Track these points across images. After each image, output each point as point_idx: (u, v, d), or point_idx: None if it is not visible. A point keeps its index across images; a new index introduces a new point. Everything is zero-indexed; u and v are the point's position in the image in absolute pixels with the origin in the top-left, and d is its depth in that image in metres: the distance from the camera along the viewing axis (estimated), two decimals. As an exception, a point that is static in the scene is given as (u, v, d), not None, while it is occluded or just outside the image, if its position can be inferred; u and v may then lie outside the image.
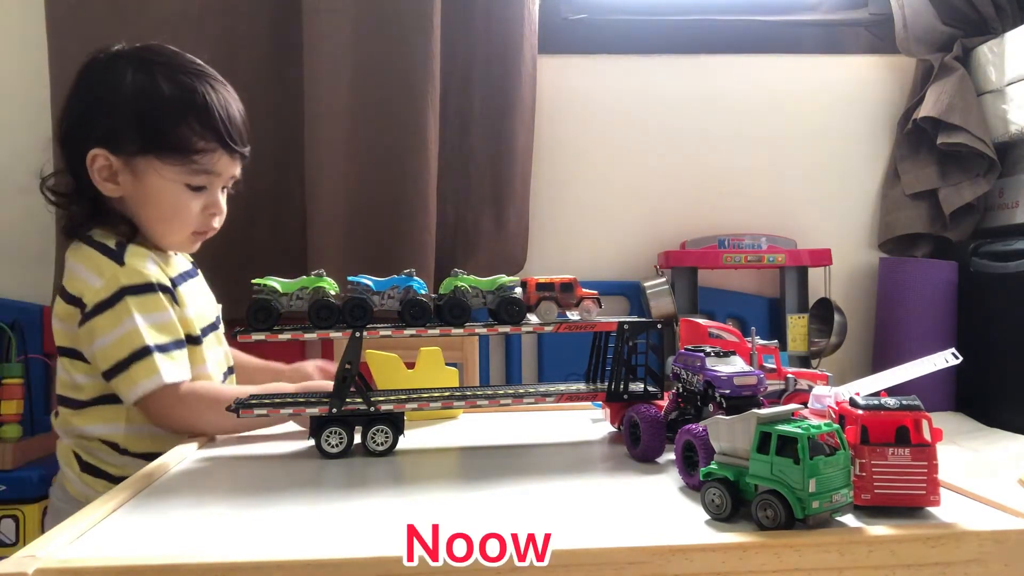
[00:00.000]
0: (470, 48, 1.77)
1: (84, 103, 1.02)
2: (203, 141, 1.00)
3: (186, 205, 1.02)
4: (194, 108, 0.99)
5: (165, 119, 0.99)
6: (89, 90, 1.02)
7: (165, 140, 0.99)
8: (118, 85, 0.99)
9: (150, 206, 1.02)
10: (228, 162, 1.04)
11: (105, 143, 0.99)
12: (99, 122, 1.00)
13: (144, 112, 0.99)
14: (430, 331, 0.83)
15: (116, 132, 0.99)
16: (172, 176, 1.00)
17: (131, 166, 1.00)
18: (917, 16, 1.84)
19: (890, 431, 0.61)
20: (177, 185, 1.01)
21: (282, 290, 0.83)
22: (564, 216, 1.89)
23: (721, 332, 0.96)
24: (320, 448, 0.83)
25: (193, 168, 1.00)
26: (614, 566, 0.53)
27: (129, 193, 1.01)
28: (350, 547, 0.55)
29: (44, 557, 0.53)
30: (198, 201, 1.03)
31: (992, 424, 1.65)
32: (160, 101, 0.99)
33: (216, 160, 1.02)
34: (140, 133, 0.99)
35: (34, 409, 1.66)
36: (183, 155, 0.99)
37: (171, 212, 1.02)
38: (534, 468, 0.80)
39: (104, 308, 0.95)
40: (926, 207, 1.86)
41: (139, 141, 0.99)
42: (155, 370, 0.93)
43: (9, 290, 1.71)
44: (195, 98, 0.99)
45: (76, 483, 1.02)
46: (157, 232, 1.04)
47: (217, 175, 1.04)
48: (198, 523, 0.62)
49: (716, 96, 1.93)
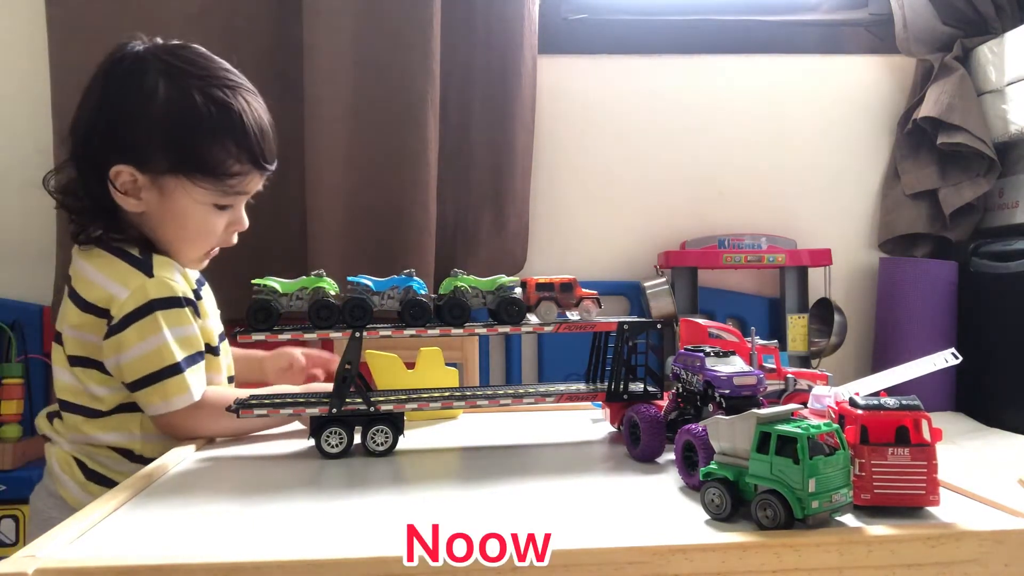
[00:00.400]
0: (470, 48, 1.77)
1: (110, 113, 0.95)
2: (238, 164, 0.96)
3: (213, 224, 0.99)
4: (231, 129, 0.95)
5: (200, 139, 0.94)
6: (115, 99, 0.95)
7: (199, 161, 0.94)
8: (149, 97, 0.93)
9: (175, 225, 0.98)
10: (257, 180, 1.02)
11: (132, 159, 0.94)
12: (127, 137, 0.94)
13: (178, 130, 0.94)
14: (430, 331, 0.83)
15: (145, 149, 0.94)
16: (202, 198, 0.97)
17: (159, 184, 0.95)
18: (917, 16, 1.84)
19: (890, 431, 0.61)
20: (206, 206, 0.98)
21: (282, 290, 0.83)
22: (564, 216, 1.89)
23: (721, 332, 0.96)
24: (320, 448, 0.83)
25: (225, 190, 0.97)
26: (614, 566, 0.53)
27: (152, 209, 0.97)
28: (350, 547, 0.55)
29: (44, 557, 0.53)
30: (223, 220, 1.01)
31: (992, 424, 1.65)
32: (196, 120, 0.93)
33: (248, 181, 0.99)
34: (172, 152, 0.94)
35: (34, 409, 1.65)
36: (217, 178, 0.96)
37: (195, 232, 0.99)
38: (534, 468, 0.80)
39: (132, 320, 0.91)
40: (926, 207, 1.86)
41: (170, 160, 0.94)
42: (186, 388, 0.92)
43: (9, 290, 1.71)
44: (232, 117, 0.95)
45: (76, 491, 0.99)
46: (175, 249, 1.00)
47: (243, 194, 1.01)
48: (198, 523, 0.62)
49: (716, 96, 1.93)
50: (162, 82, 0.94)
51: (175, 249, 1.00)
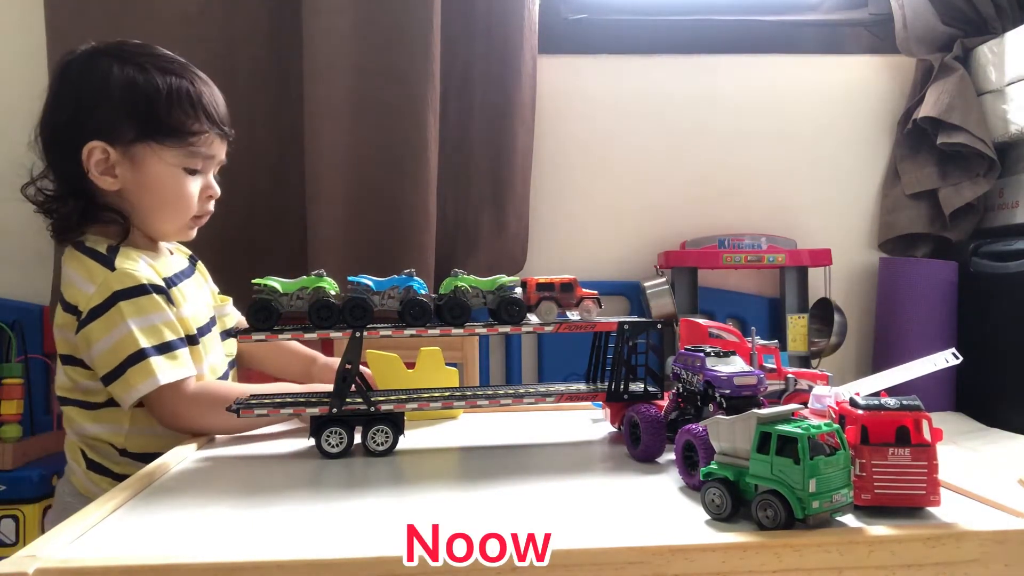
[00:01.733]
0: (470, 48, 1.77)
1: (73, 100, 1.02)
2: (197, 124, 1.03)
3: (186, 189, 1.05)
4: (187, 94, 1.02)
5: (161, 106, 1.01)
6: (75, 87, 1.02)
7: (163, 125, 1.01)
8: (107, 78, 1.00)
9: (152, 193, 1.03)
10: (219, 144, 1.07)
11: (101, 135, 1.00)
12: (93, 116, 1.00)
13: (140, 101, 1.00)
14: (430, 331, 0.83)
15: (112, 123, 1.00)
16: (172, 160, 1.03)
17: (130, 155, 1.01)
18: (917, 16, 1.85)
19: (890, 431, 0.61)
20: (176, 169, 1.03)
21: (282, 290, 0.83)
22: (564, 216, 1.89)
23: (721, 332, 0.96)
24: (320, 448, 0.83)
25: (191, 150, 1.03)
26: (614, 566, 0.53)
27: (128, 184, 1.02)
28: (350, 547, 0.55)
29: (44, 557, 0.53)
30: (196, 184, 1.06)
31: (992, 424, 1.65)
32: (154, 90, 1.01)
33: (210, 142, 1.05)
34: (138, 121, 1.00)
35: (34, 409, 1.66)
36: (181, 138, 1.02)
37: (173, 196, 1.04)
38: (534, 468, 0.80)
39: (97, 314, 0.95)
40: (926, 207, 1.86)
41: (137, 128, 1.00)
42: (151, 372, 0.94)
43: (9, 290, 1.71)
44: (184, 85, 1.03)
45: (82, 479, 1.03)
46: (158, 220, 1.05)
47: (211, 157, 1.07)
48: (198, 523, 0.62)
49: (716, 96, 1.93)
50: (116, 65, 1.01)
51: (159, 219, 1.05)
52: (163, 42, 1.63)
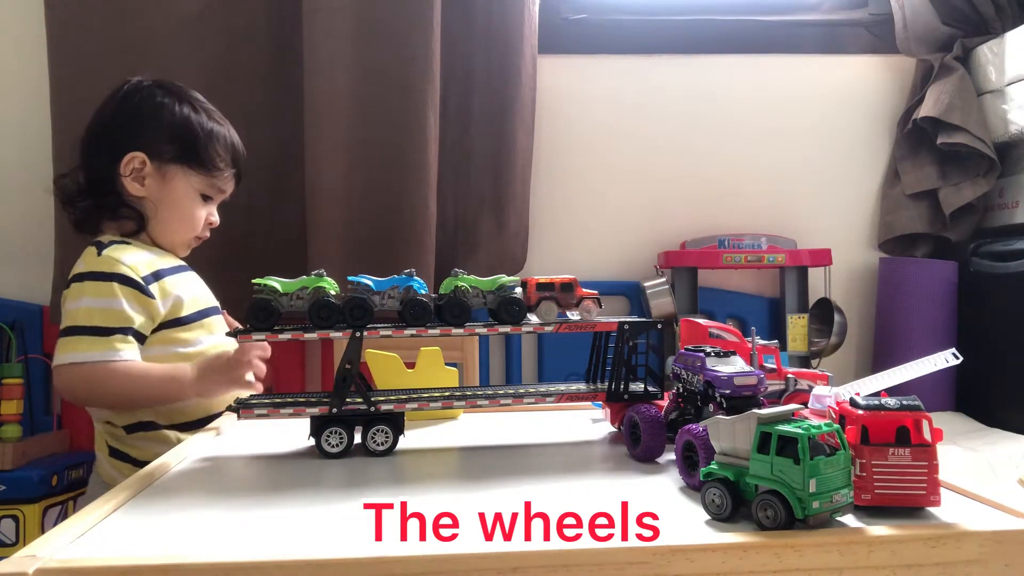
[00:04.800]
0: (470, 48, 1.77)
1: (126, 116, 1.20)
2: (223, 162, 1.23)
3: (197, 212, 1.23)
4: (220, 139, 1.24)
5: (201, 140, 1.21)
6: (134, 107, 1.20)
7: (198, 156, 1.21)
8: (162, 107, 1.20)
9: (170, 206, 1.21)
10: (231, 183, 1.27)
11: (145, 148, 1.18)
12: (142, 132, 1.19)
13: (185, 130, 1.20)
14: (430, 331, 0.83)
15: (157, 142, 1.19)
16: (196, 184, 1.22)
17: (163, 171, 1.19)
18: (917, 16, 1.85)
19: (890, 431, 0.61)
20: (195, 192, 1.22)
21: (282, 290, 0.83)
22: (564, 216, 1.89)
23: (721, 332, 0.96)
24: (320, 448, 0.83)
25: (212, 181, 1.23)
26: (614, 566, 0.53)
27: (153, 194, 1.19)
28: (350, 547, 0.55)
29: (44, 557, 0.53)
30: (205, 210, 1.25)
31: (992, 424, 1.65)
32: (200, 128, 1.21)
33: (227, 179, 1.25)
34: (180, 146, 1.20)
35: (34, 409, 1.66)
36: (208, 170, 1.22)
37: (187, 214, 1.22)
38: (534, 468, 0.80)
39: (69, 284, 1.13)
40: (926, 207, 1.86)
41: (176, 152, 1.19)
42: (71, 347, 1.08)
43: (9, 290, 1.71)
44: (223, 132, 1.24)
45: (107, 468, 1.16)
46: (169, 230, 1.22)
47: (222, 191, 1.26)
48: (198, 523, 0.62)
49: (716, 96, 1.93)
50: (174, 101, 1.22)
51: (168, 231, 1.22)
52: (163, 42, 1.65)
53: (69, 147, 1.63)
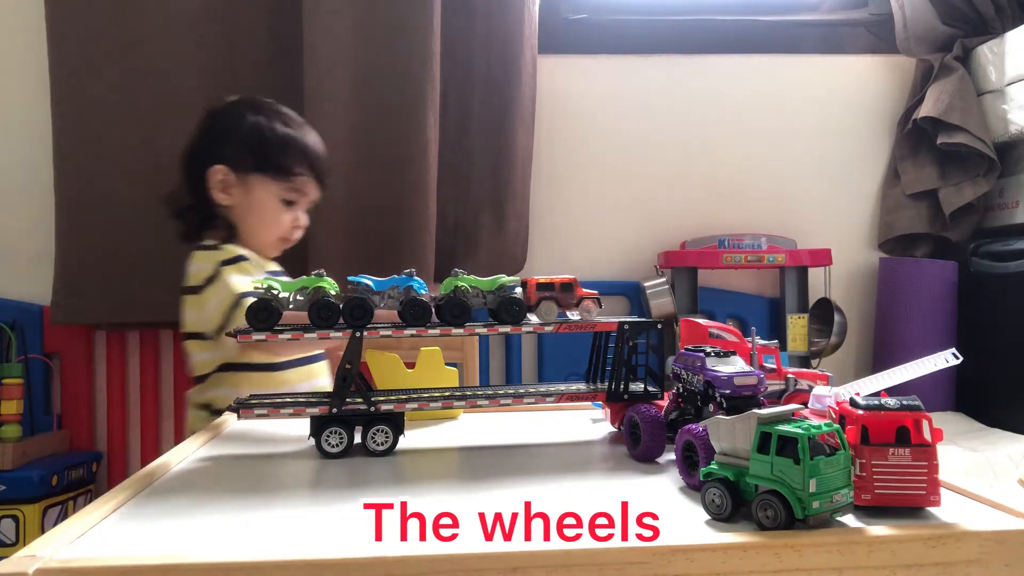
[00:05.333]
0: (470, 48, 1.77)
1: (210, 131, 1.31)
2: (300, 168, 1.30)
3: (279, 216, 1.31)
4: (297, 145, 1.30)
5: (277, 148, 1.29)
6: (217, 124, 1.32)
7: (274, 164, 1.28)
8: (241, 120, 1.29)
9: (254, 213, 1.30)
10: (313, 187, 1.33)
11: (226, 161, 1.27)
12: (224, 146, 1.28)
13: (262, 141, 1.28)
14: (430, 331, 0.83)
15: (237, 154, 1.28)
16: (274, 191, 1.29)
17: (244, 181, 1.28)
18: (917, 16, 1.85)
19: (890, 431, 0.61)
20: (276, 199, 1.30)
21: (282, 290, 0.83)
22: (564, 216, 1.89)
23: (721, 332, 0.96)
24: (320, 448, 0.83)
25: (289, 187, 1.30)
26: (614, 566, 0.53)
27: (238, 203, 1.29)
28: (350, 547, 0.55)
29: (44, 557, 0.52)
30: (289, 214, 1.32)
31: (992, 424, 1.65)
32: (275, 136, 1.29)
33: (306, 183, 1.32)
34: (256, 157, 1.28)
35: (34, 409, 1.66)
36: (285, 177, 1.29)
37: (269, 219, 1.31)
38: (534, 468, 0.80)
39: (210, 282, 1.21)
40: (926, 207, 1.87)
41: (254, 161, 1.28)
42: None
43: (9, 290, 1.71)
44: (298, 138, 1.31)
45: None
46: (255, 235, 1.31)
47: (304, 195, 1.33)
48: (198, 523, 0.62)
49: (716, 96, 1.93)
50: (250, 113, 1.30)
51: (255, 235, 1.31)
52: (164, 42, 1.65)
53: (69, 147, 1.64)
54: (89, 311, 1.64)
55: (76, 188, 1.63)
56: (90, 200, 1.63)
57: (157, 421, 1.75)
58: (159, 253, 1.63)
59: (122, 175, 1.64)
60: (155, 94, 1.65)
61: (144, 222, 1.63)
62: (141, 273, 1.63)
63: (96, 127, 1.64)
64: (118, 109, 1.64)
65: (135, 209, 1.63)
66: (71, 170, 1.64)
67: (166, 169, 1.65)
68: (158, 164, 1.64)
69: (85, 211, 1.63)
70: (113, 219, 1.63)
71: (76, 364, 1.71)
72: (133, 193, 1.63)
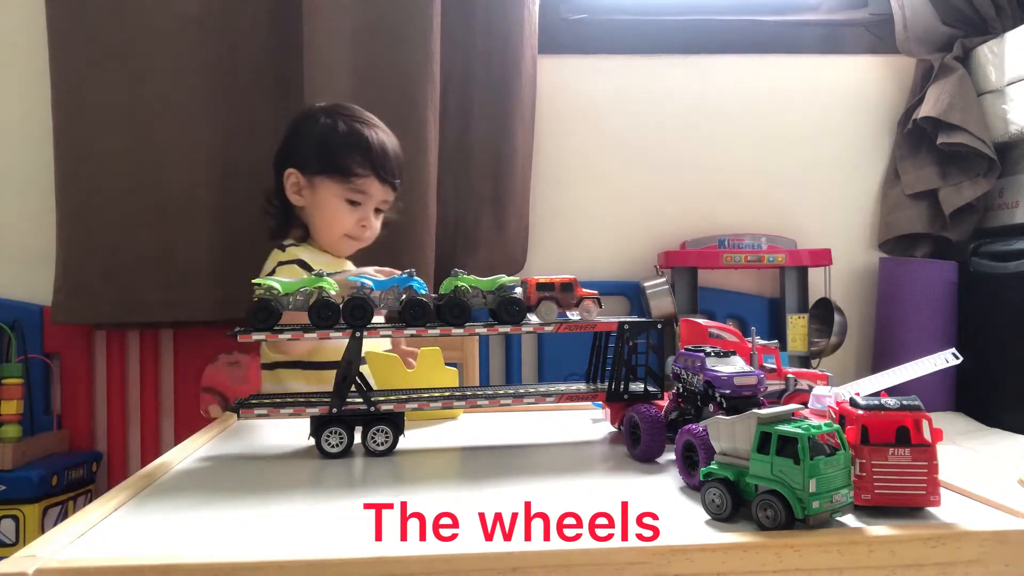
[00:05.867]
0: (470, 48, 1.77)
1: (289, 138, 1.38)
2: (361, 169, 1.32)
3: (343, 215, 1.34)
4: (358, 146, 1.32)
5: (339, 150, 1.33)
6: (293, 130, 1.38)
7: (335, 165, 1.32)
8: (314, 125, 1.35)
9: (319, 213, 1.35)
10: (379, 188, 1.34)
11: (297, 165, 1.34)
12: (297, 150, 1.35)
13: (324, 144, 1.33)
14: (430, 331, 0.83)
15: (306, 157, 1.34)
16: (337, 191, 1.33)
17: (312, 183, 1.34)
18: (917, 16, 1.85)
19: (890, 431, 0.61)
20: (339, 199, 1.33)
21: (282, 290, 0.83)
22: (564, 216, 1.89)
23: (721, 332, 0.96)
24: (320, 448, 0.83)
25: (351, 187, 1.32)
26: (614, 566, 0.53)
27: (308, 204, 1.35)
28: (350, 547, 0.55)
29: (44, 557, 0.53)
30: (353, 214, 1.34)
31: (992, 424, 1.65)
32: (337, 138, 1.33)
33: (369, 184, 1.33)
34: (320, 159, 1.33)
35: (34, 409, 1.66)
36: (346, 178, 1.32)
37: (331, 219, 1.34)
38: (534, 468, 0.80)
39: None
40: (926, 207, 1.86)
41: (320, 163, 1.32)
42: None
43: (9, 290, 1.71)
44: (360, 139, 1.33)
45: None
46: (321, 234, 1.36)
47: (369, 196, 1.34)
48: (198, 523, 0.62)
49: (716, 96, 1.93)
50: (323, 117, 1.36)
51: (321, 233, 1.36)
52: (164, 42, 1.65)
53: (70, 147, 1.64)
54: (89, 311, 1.64)
55: (76, 188, 1.63)
56: (90, 200, 1.63)
57: (157, 421, 1.74)
58: (159, 253, 1.64)
59: (122, 175, 1.64)
60: (155, 94, 1.65)
61: (144, 222, 1.63)
62: (141, 273, 1.63)
63: (96, 127, 1.63)
64: (118, 109, 1.64)
65: (135, 209, 1.63)
66: (71, 170, 1.64)
67: (166, 169, 1.66)
68: (158, 164, 1.64)
69: (85, 211, 1.63)
70: (113, 219, 1.63)
71: (76, 364, 1.71)
72: (133, 193, 1.63)
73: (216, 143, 1.66)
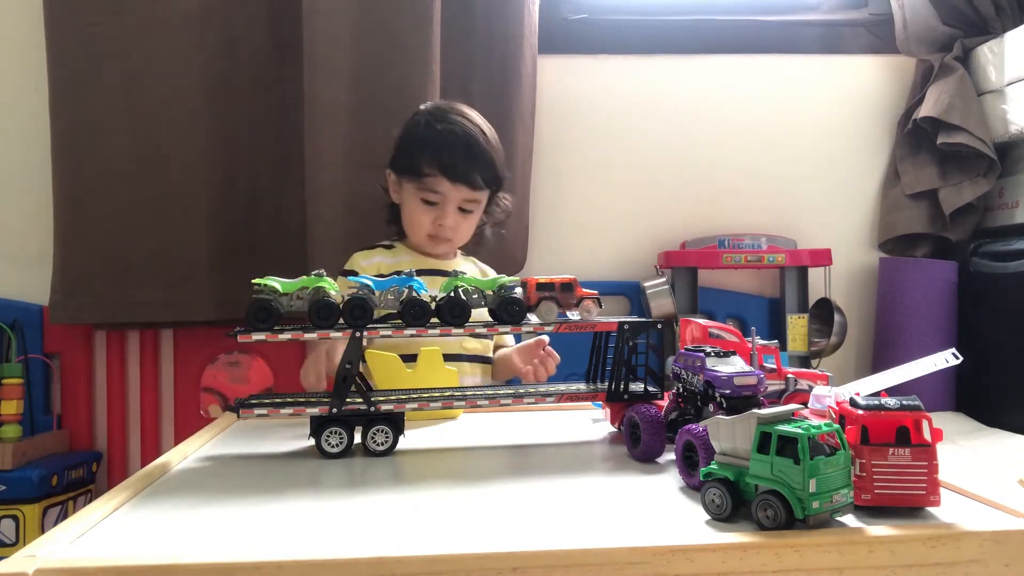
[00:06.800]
0: (470, 48, 1.77)
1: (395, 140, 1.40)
2: (429, 168, 1.32)
3: (420, 215, 1.36)
4: (430, 147, 1.33)
5: (408, 152, 1.36)
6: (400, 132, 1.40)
7: (408, 165, 1.35)
8: (410, 127, 1.38)
9: (404, 213, 1.39)
10: (450, 187, 1.33)
11: (391, 165, 1.40)
12: (394, 151, 1.40)
13: (402, 145, 1.38)
14: (430, 331, 0.83)
15: (394, 157, 1.39)
16: (411, 191, 1.36)
17: (400, 183, 1.39)
18: (917, 16, 1.84)
19: (890, 431, 0.61)
20: (416, 199, 1.35)
21: (282, 290, 0.83)
22: (564, 216, 1.89)
23: (721, 332, 0.96)
24: (320, 448, 0.83)
25: (421, 187, 1.34)
26: (614, 566, 0.53)
27: (399, 203, 1.40)
28: (350, 547, 0.55)
29: (44, 557, 0.53)
30: (430, 213, 1.35)
31: (992, 424, 1.65)
32: (411, 139, 1.36)
33: (439, 183, 1.33)
34: (399, 159, 1.38)
35: (34, 409, 1.66)
36: (416, 177, 1.34)
37: (410, 218, 1.38)
38: (534, 468, 0.80)
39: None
40: (926, 207, 1.86)
41: (399, 164, 1.38)
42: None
43: (9, 290, 1.71)
44: (431, 138, 1.33)
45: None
46: (409, 233, 1.40)
47: (443, 195, 1.34)
48: (198, 523, 0.62)
49: (716, 96, 1.92)
50: (420, 117, 1.38)
51: (408, 232, 1.40)
52: (163, 42, 1.65)
53: (69, 147, 1.64)
54: (89, 311, 1.63)
55: (76, 188, 1.63)
56: (90, 200, 1.63)
57: (157, 421, 1.74)
58: (159, 253, 1.63)
59: (122, 175, 1.63)
60: (155, 94, 1.64)
61: (144, 222, 1.63)
62: (141, 273, 1.63)
63: (95, 127, 1.63)
64: (117, 109, 1.64)
65: (135, 209, 1.63)
66: (71, 170, 1.63)
67: (166, 169, 1.66)
68: (158, 164, 1.64)
69: (85, 211, 1.63)
70: (113, 219, 1.63)
71: (76, 364, 1.71)
72: (133, 193, 1.63)
73: (216, 143, 1.66)
